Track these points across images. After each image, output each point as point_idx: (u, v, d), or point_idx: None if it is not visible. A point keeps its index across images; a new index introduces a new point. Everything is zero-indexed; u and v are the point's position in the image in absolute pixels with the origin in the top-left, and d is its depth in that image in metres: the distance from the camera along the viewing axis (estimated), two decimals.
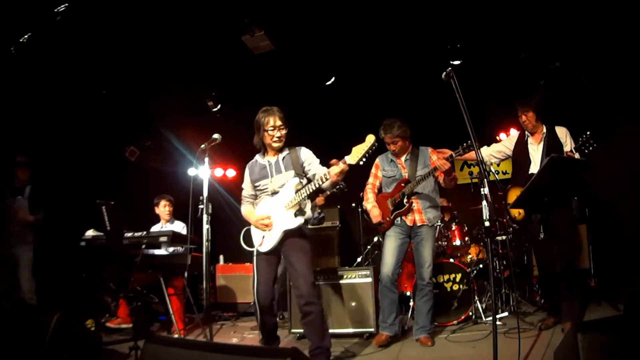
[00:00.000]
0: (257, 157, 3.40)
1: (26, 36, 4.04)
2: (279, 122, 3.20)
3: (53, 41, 4.22)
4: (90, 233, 4.41)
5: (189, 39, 4.65)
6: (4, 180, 4.72)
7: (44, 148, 5.07)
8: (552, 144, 3.79)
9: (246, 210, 3.41)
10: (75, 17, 3.92)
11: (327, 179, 2.93)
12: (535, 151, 3.88)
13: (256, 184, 3.33)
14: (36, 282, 4.58)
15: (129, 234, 4.33)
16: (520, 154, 3.98)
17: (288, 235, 3.17)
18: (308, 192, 3.06)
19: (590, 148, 3.53)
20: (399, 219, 3.81)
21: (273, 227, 3.19)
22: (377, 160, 4.05)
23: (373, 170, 4.07)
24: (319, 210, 5.10)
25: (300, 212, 3.15)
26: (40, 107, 5.13)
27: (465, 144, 3.41)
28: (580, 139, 3.58)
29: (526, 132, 3.99)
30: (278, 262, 3.33)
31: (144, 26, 4.34)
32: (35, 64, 4.46)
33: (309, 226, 3.61)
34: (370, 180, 4.06)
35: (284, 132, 3.23)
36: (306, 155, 3.30)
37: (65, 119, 5.42)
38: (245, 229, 3.40)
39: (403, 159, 3.92)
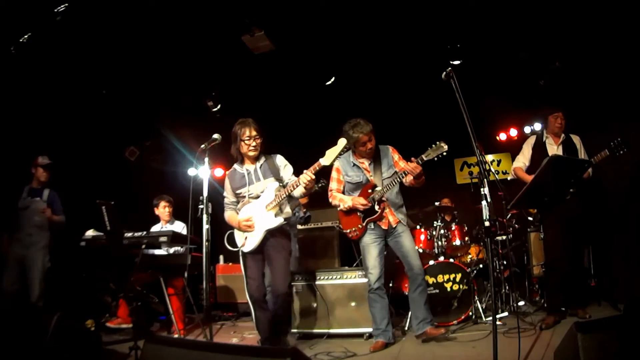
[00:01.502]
0: (236, 166, 3.62)
1: (26, 36, 4.03)
2: (254, 132, 3.45)
3: (53, 41, 4.22)
4: (90, 233, 4.40)
5: (189, 38, 4.65)
6: (21, 180, 4.69)
7: (44, 148, 5.06)
8: (569, 148, 4.02)
9: (229, 215, 3.61)
10: (75, 17, 3.93)
11: (297, 186, 3.24)
12: (555, 151, 4.03)
13: (237, 192, 3.56)
14: (45, 287, 4.50)
15: (129, 234, 4.33)
16: (539, 152, 4.08)
17: (270, 234, 3.41)
18: (284, 196, 3.34)
19: (621, 152, 3.60)
20: (371, 224, 3.70)
21: (255, 227, 3.42)
22: (337, 164, 3.83)
23: (334, 175, 3.87)
24: (304, 210, 5.15)
25: (280, 212, 3.44)
26: (41, 107, 5.13)
27: (434, 145, 3.32)
28: (612, 144, 3.64)
29: (545, 134, 4.16)
30: (263, 259, 3.51)
31: (144, 26, 4.34)
32: (36, 64, 4.46)
33: (298, 226, 4.46)
34: (334, 186, 3.86)
35: (259, 141, 3.48)
36: (281, 162, 3.59)
37: (66, 119, 5.42)
38: (228, 232, 3.65)
39: (367, 162, 3.75)
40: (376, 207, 3.66)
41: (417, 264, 3.66)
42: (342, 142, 3.17)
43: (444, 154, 3.36)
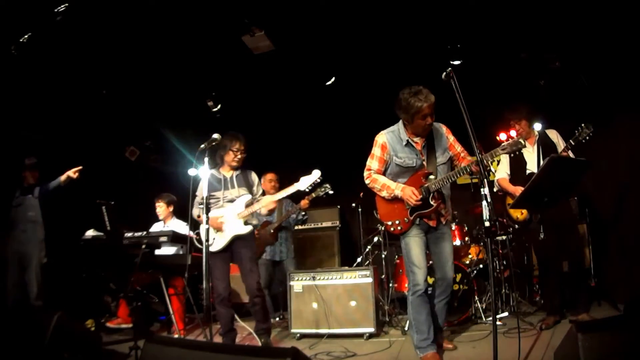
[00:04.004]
0: (213, 171, 3.93)
1: (26, 36, 4.03)
2: (242, 147, 3.88)
3: (53, 41, 4.21)
4: (90, 233, 4.41)
5: (189, 38, 4.65)
6: (13, 180, 4.71)
7: (44, 148, 5.07)
8: (545, 145, 3.92)
9: (199, 212, 3.87)
10: (75, 17, 3.92)
11: (262, 210, 3.77)
12: (531, 153, 4.01)
13: (212, 193, 3.85)
14: (43, 284, 4.50)
15: (129, 234, 4.33)
16: (516, 158, 4.04)
17: (238, 238, 3.79)
18: (253, 210, 3.78)
19: (587, 137, 3.54)
20: (418, 219, 3.14)
21: (224, 230, 3.78)
22: (383, 139, 3.19)
23: (377, 152, 3.20)
24: (303, 213, 5.32)
25: (248, 222, 3.83)
26: (41, 107, 5.13)
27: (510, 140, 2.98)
28: (576, 131, 3.60)
29: (520, 138, 4.06)
30: (230, 257, 3.88)
31: (144, 26, 4.34)
32: (36, 64, 4.46)
33: (296, 226, 5.31)
34: (375, 165, 3.21)
35: (244, 156, 3.92)
36: (255, 178, 4.03)
37: (66, 119, 5.42)
38: (196, 231, 4.03)
39: (421, 142, 3.14)
40: (431, 201, 3.05)
41: (451, 275, 3.23)
42: (316, 173, 3.61)
43: (518, 153, 3.10)
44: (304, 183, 3.66)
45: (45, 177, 4.79)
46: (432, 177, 3.08)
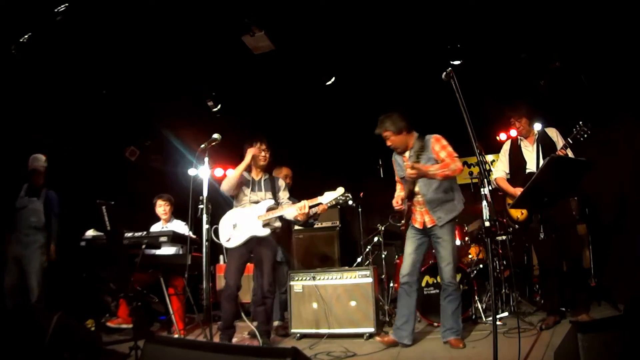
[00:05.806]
0: (244, 173, 4.09)
1: (26, 36, 4.03)
2: (264, 146, 4.04)
3: (53, 41, 4.21)
4: (90, 233, 4.40)
5: (189, 38, 4.65)
6: (17, 181, 4.68)
7: (44, 148, 5.06)
8: (545, 144, 3.91)
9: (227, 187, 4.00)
10: (75, 17, 3.92)
11: (291, 210, 3.83)
12: (531, 152, 3.99)
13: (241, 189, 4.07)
14: (44, 287, 4.46)
15: (129, 234, 4.32)
16: (516, 157, 4.05)
17: (258, 239, 3.88)
18: (275, 215, 3.89)
19: (585, 135, 3.57)
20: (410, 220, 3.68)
21: (242, 229, 3.87)
22: (393, 157, 3.86)
23: (394, 167, 3.89)
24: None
25: (267, 225, 3.90)
26: (41, 108, 5.12)
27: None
28: (574, 129, 3.61)
29: (519, 137, 4.09)
30: (245, 257, 3.96)
31: (144, 26, 4.34)
32: (36, 64, 4.46)
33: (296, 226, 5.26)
34: (396, 178, 3.90)
35: (268, 154, 4.05)
36: (281, 184, 4.17)
37: (66, 119, 5.41)
38: (213, 227, 3.97)
39: (407, 154, 3.65)
40: (407, 202, 3.58)
41: (447, 275, 3.53)
42: (340, 190, 3.72)
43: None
44: (327, 198, 3.74)
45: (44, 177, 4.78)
46: (406, 183, 3.60)
